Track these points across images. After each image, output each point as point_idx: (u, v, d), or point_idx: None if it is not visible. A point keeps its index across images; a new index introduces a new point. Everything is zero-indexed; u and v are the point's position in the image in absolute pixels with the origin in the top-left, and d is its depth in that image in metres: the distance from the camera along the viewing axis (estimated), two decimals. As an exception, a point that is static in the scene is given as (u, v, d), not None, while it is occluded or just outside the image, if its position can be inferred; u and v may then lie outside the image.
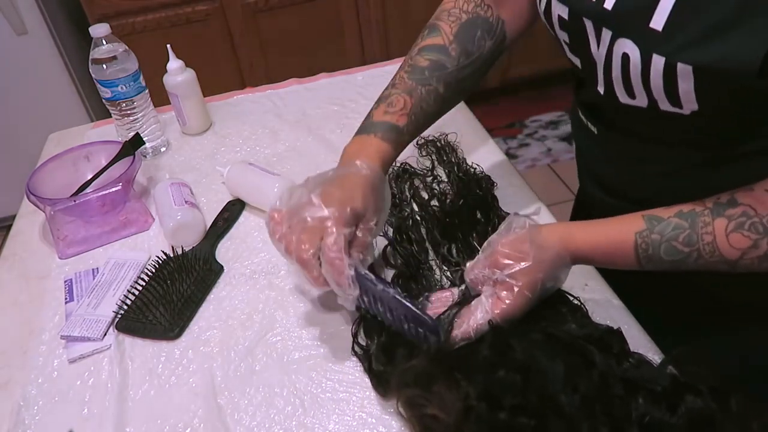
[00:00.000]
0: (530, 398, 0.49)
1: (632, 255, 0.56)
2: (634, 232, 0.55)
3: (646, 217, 0.56)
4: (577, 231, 0.58)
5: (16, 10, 1.85)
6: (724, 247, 0.52)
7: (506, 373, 0.51)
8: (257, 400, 0.62)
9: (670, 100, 0.51)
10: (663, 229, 0.54)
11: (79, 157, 0.92)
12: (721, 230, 0.52)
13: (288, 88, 1.20)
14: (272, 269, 0.78)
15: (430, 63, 0.70)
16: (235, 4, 2.05)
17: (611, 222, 0.58)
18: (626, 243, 0.56)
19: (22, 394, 0.66)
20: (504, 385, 0.51)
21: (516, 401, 0.49)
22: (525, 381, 0.51)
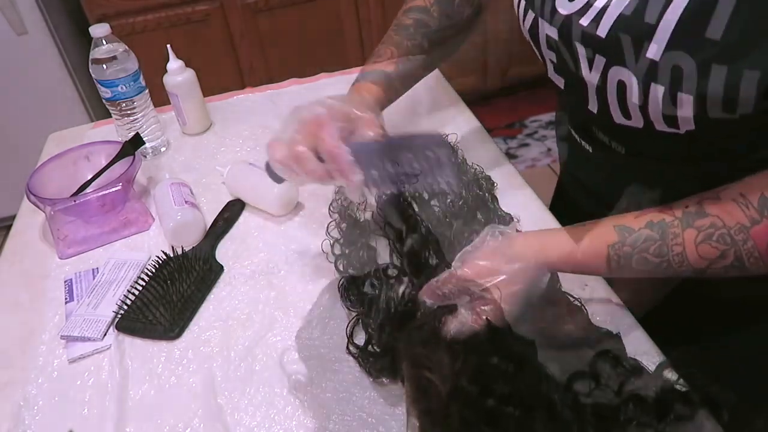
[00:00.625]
0: (520, 389, 0.50)
1: (604, 266, 0.56)
2: (606, 245, 0.55)
3: (617, 228, 0.56)
4: (551, 244, 0.58)
5: (16, 10, 1.85)
6: (693, 257, 0.52)
7: (500, 361, 0.52)
8: (257, 400, 0.62)
9: (667, 123, 0.51)
10: (635, 241, 0.54)
11: (79, 157, 0.92)
12: (690, 241, 0.52)
13: (288, 88, 1.20)
14: (272, 269, 0.78)
15: (414, 21, 0.74)
16: (235, 4, 2.05)
17: (583, 232, 0.57)
18: (599, 256, 0.56)
19: (22, 394, 0.66)
20: (496, 372, 0.52)
21: (505, 390, 0.50)
22: (517, 372, 0.51)
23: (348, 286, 0.69)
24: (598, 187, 0.70)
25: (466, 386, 0.50)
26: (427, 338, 0.56)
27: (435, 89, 1.12)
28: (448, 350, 0.53)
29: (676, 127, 0.51)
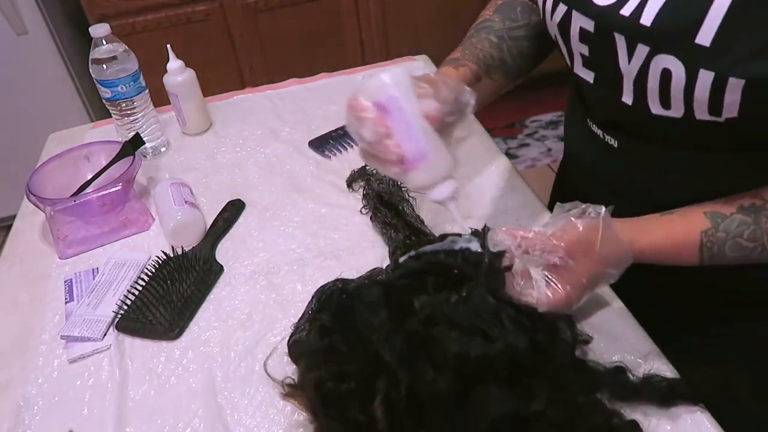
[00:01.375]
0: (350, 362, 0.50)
1: (696, 254, 0.56)
2: (699, 231, 0.55)
3: (709, 215, 0.56)
4: (645, 233, 0.58)
5: (16, 10, 1.85)
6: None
7: (330, 341, 0.52)
8: (257, 400, 0.62)
9: (710, 111, 0.50)
10: (728, 226, 0.55)
11: (79, 157, 0.92)
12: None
13: (288, 88, 1.20)
14: (272, 269, 0.78)
15: (474, 30, 0.74)
16: (235, 4, 2.05)
17: (674, 221, 0.58)
18: (692, 243, 0.56)
19: (22, 394, 0.66)
20: (330, 354, 0.52)
21: (337, 368, 0.50)
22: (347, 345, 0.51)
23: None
24: (621, 182, 0.70)
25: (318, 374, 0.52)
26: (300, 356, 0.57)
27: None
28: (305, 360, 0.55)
29: (718, 114, 0.50)
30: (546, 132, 2.47)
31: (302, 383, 0.57)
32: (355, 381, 0.49)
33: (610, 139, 0.66)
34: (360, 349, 0.51)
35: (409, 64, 0.65)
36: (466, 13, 2.39)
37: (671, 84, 0.51)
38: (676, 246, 0.57)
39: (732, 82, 0.47)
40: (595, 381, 0.54)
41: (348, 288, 0.59)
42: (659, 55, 0.51)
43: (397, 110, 0.53)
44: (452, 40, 0.77)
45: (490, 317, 0.51)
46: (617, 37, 0.54)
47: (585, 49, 0.59)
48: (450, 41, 0.77)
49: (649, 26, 0.51)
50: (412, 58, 1.25)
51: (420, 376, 0.48)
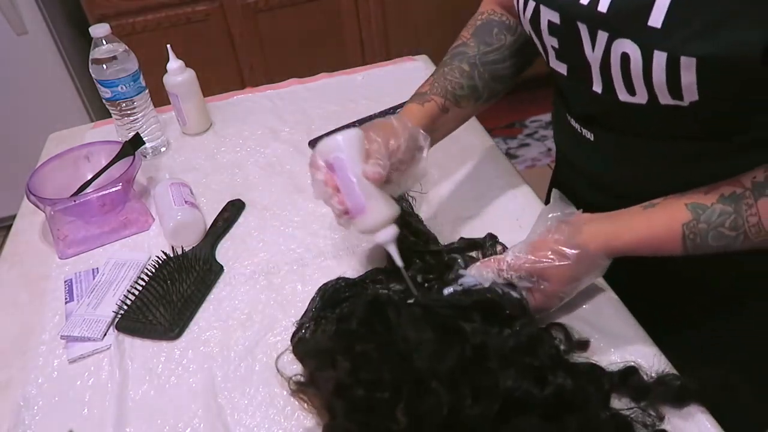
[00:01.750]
0: (385, 372, 0.51)
1: (679, 246, 0.57)
2: (681, 224, 0.56)
3: (690, 206, 0.56)
4: (623, 230, 0.59)
5: (16, 10, 1.85)
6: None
7: (363, 348, 0.53)
8: (257, 400, 0.62)
9: (671, 94, 0.51)
10: (709, 216, 0.55)
11: (79, 157, 0.92)
12: (765, 210, 0.53)
13: (288, 88, 1.20)
14: (272, 269, 0.78)
15: (450, 55, 0.75)
16: (235, 4, 2.05)
17: (654, 214, 0.58)
18: (673, 236, 0.57)
19: (22, 394, 0.66)
20: (361, 360, 0.53)
21: (371, 376, 0.51)
22: (381, 355, 0.52)
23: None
24: (600, 176, 0.71)
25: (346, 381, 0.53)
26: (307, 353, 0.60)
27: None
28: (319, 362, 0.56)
29: (680, 98, 0.51)
30: (546, 132, 2.47)
31: (314, 381, 0.57)
32: (388, 391, 0.51)
33: (587, 132, 0.67)
34: (395, 360, 0.52)
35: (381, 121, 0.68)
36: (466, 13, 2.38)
37: (631, 68, 0.52)
38: (658, 239, 0.58)
39: (684, 62, 0.48)
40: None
41: (380, 297, 0.61)
42: (617, 39, 0.52)
43: (341, 170, 0.62)
44: (452, 40, 0.77)
45: (546, 358, 0.54)
46: (580, 27, 0.56)
47: (555, 42, 0.60)
48: (450, 41, 0.77)
49: (606, 13, 0.52)
50: (412, 58, 1.25)
51: (461, 399, 0.50)
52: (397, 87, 1.13)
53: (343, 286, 0.67)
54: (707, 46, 0.47)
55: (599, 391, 0.54)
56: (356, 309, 0.59)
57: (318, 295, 0.68)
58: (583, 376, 0.54)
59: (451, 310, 0.58)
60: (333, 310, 0.64)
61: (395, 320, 0.55)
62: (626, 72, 0.53)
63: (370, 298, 0.61)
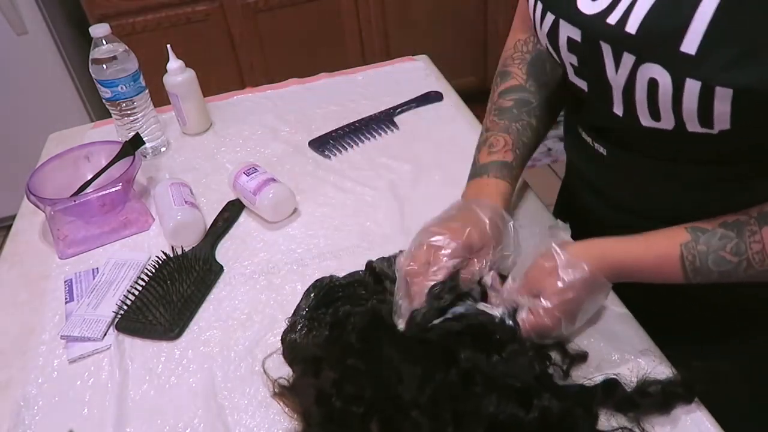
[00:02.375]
0: (367, 389, 0.51)
1: (678, 268, 0.55)
2: (679, 244, 0.54)
3: (690, 229, 0.55)
4: (615, 246, 0.58)
5: (16, 10, 1.85)
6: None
7: (354, 362, 0.54)
8: (257, 400, 0.62)
9: (701, 122, 0.49)
10: (709, 239, 0.53)
11: (79, 157, 0.92)
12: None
13: (288, 88, 1.20)
14: (272, 269, 0.78)
15: (514, 102, 0.73)
16: (235, 4, 2.05)
17: (652, 235, 0.57)
18: (671, 255, 0.55)
19: (22, 394, 0.66)
20: (348, 374, 0.53)
21: (353, 390, 0.52)
22: (368, 372, 0.53)
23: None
24: (610, 192, 0.69)
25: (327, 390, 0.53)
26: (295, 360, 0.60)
27: (435, 89, 1.12)
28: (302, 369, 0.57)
29: (710, 126, 0.48)
30: (546, 132, 2.47)
31: (296, 387, 0.58)
32: (365, 407, 0.51)
33: (600, 147, 0.65)
34: (380, 381, 0.53)
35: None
36: (466, 13, 2.40)
37: (658, 94, 0.49)
38: (656, 259, 0.56)
39: (719, 92, 0.45)
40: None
41: (379, 313, 0.61)
42: (645, 64, 0.49)
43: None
44: (452, 40, 0.77)
45: (532, 382, 0.53)
46: (603, 47, 0.52)
47: (574, 59, 0.58)
48: (450, 41, 0.78)
49: (634, 34, 0.49)
50: (412, 58, 1.25)
51: (442, 425, 0.49)
52: (397, 87, 1.13)
53: (336, 286, 0.67)
54: (746, 76, 0.44)
55: (588, 413, 0.53)
56: (355, 321, 0.59)
57: (311, 293, 0.68)
58: (571, 398, 0.53)
59: (444, 334, 0.57)
60: (326, 310, 0.64)
61: (389, 341, 0.56)
62: (653, 98, 0.50)
63: (371, 314, 0.60)
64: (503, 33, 0.85)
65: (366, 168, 0.95)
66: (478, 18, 2.30)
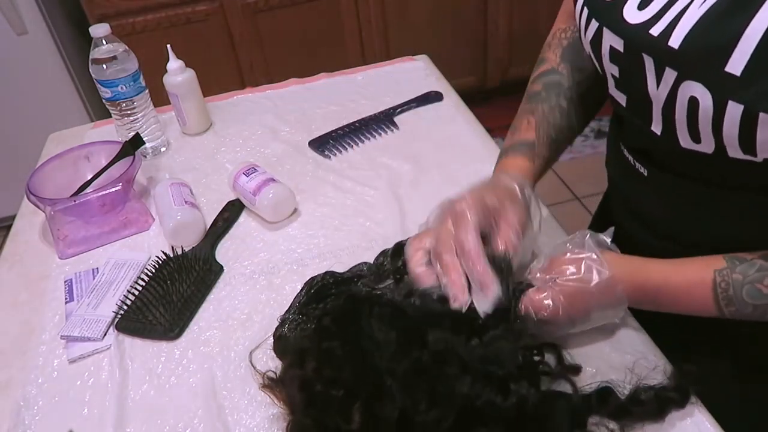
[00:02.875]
0: (346, 370, 0.51)
1: (710, 295, 0.52)
2: (713, 269, 0.52)
3: (727, 257, 0.52)
4: (651, 266, 0.55)
5: (16, 10, 1.85)
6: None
7: (329, 345, 0.53)
8: (257, 400, 0.62)
9: (743, 148, 0.46)
10: (746, 269, 0.51)
11: (79, 157, 0.92)
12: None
13: (288, 88, 1.20)
14: (272, 269, 0.78)
15: (544, 86, 0.70)
16: (235, 4, 2.05)
17: (687, 261, 0.55)
18: (703, 280, 0.52)
19: (22, 394, 0.66)
20: (326, 357, 0.53)
21: (332, 373, 0.51)
22: (345, 353, 0.52)
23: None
24: (650, 214, 0.66)
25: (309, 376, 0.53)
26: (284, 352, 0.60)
27: (435, 89, 1.12)
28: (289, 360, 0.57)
29: (752, 153, 0.45)
30: (546, 132, 2.47)
31: (284, 378, 0.58)
32: (345, 389, 0.50)
33: (640, 167, 0.62)
34: (357, 359, 0.52)
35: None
36: (466, 13, 2.40)
37: (699, 115, 0.46)
38: (686, 282, 0.53)
39: (764, 118, 0.42)
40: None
41: (357, 295, 0.60)
42: (687, 81, 0.46)
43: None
44: (452, 40, 0.77)
45: (512, 368, 0.52)
46: (646, 59, 0.49)
47: (615, 70, 0.55)
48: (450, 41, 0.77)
49: (677, 49, 0.46)
50: (412, 58, 1.25)
51: (416, 403, 0.49)
52: (397, 87, 1.14)
53: (330, 282, 0.67)
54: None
55: (568, 405, 0.52)
56: (332, 306, 0.59)
57: (304, 289, 0.68)
58: (552, 392, 0.53)
59: (422, 314, 0.56)
60: (317, 306, 0.64)
61: (365, 319, 0.54)
62: (693, 118, 0.47)
63: (345, 297, 0.60)
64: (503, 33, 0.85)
65: (366, 168, 0.95)
66: (478, 18, 2.30)
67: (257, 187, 0.84)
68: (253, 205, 0.84)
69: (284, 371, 0.58)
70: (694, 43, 0.45)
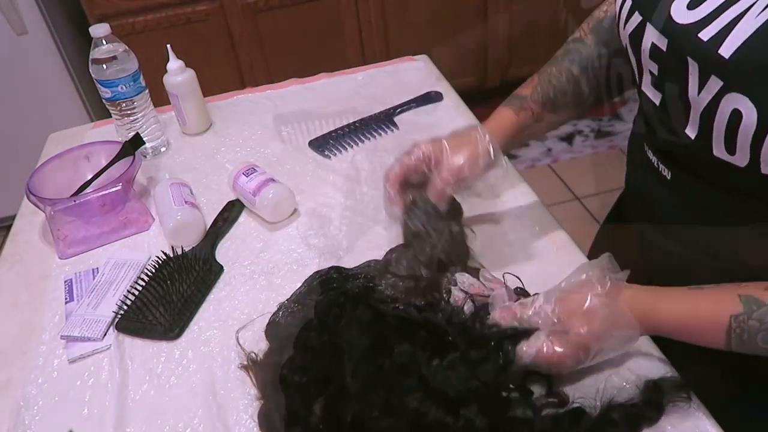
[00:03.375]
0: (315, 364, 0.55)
1: (722, 338, 0.50)
2: (729, 315, 0.50)
3: (744, 298, 0.50)
4: (664, 304, 0.54)
5: (16, 10, 1.85)
6: None
7: (307, 336, 0.57)
8: (257, 400, 0.62)
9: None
10: (763, 315, 0.48)
11: (79, 157, 0.92)
12: None
13: (288, 88, 1.20)
14: (272, 269, 0.78)
15: (563, 51, 0.72)
16: (235, 4, 2.05)
17: (702, 297, 0.53)
18: (718, 325, 0.50)
19: (22, 394, 0.66)
20: (302, 347, 0.57)
21: (304, 364, 0.55)
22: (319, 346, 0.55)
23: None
24: (670, 218, 0.64)
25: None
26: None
27: (435, 89, 1.12)
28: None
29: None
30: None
31: (262, 362, 0.60)
32: (311, 381, 0.53)
33: (664, 169, 0.60)
34: (329, 355, 0.54)
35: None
36: (466, 13, 2.40)
37: (740, 128, 0.45)
38: (700, 326, 0.52)
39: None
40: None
41: (349, 293, 0.61)
42: (732, 93, 0.44)
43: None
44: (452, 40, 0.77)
45: (464, 393, 0.52)
46: (690, 63, 0.48)
47: (655, 68, 0.53)
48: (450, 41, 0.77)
49: (728, 58, 0.44)
50: (412, 58, 1.25)
51: (369, 409, 0.50)
52: (397, 87, 1.14)
53: (334, 277, 0.68)
54: None
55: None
56: (322, 300, 0.61)
57: (306, 281, 0.68)
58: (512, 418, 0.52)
59: (398, 324, 0.57)
60: (315, 297, 0.65)
61: (347, 319, 0.57)
62: (732, 130, 0.46)
63: (336, 293, 0.62)
64: (503, 33, 0.85)
65: (366, 168, 0.95)
66: (478, 18, 2.30)
67: (257, 188, 0.84)
68: (253, 205, 0.84)
69: (265, 355, 0.60)
70: (747, 55, 0.43)
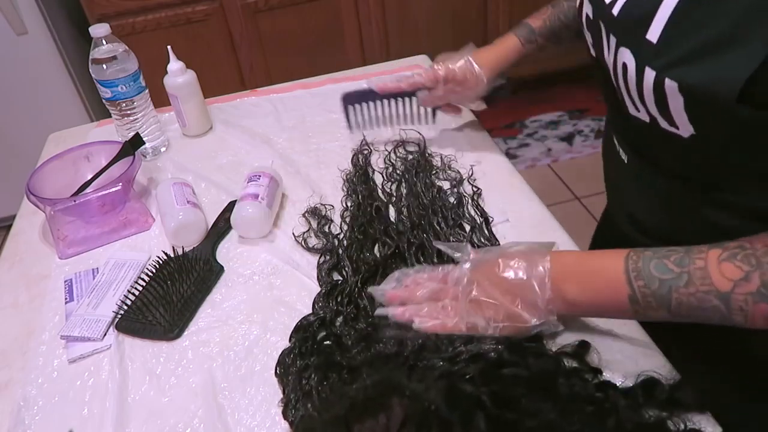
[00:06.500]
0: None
1: (621, 263, 0.52)
2: (628, 250, 0.52)
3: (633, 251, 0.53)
4: (566, 252, 0.57)
5: (16, 10, 1.85)
6: (715, 275, 0.48)
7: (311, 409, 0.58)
8: (257, 400, 0.62)
9: (664, 118, 0.48)
10: (657, 249, 0.51)
11: (79, 157, 0.92)
12: (713, 257, 0.48)
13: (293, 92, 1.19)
14: (272, 270, 0.78)
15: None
16: (235, 4, 2.05)
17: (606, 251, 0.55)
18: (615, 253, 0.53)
19: (22, 394, 0.66)
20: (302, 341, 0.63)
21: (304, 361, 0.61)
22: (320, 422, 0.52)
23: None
24: (631, 206, 0.66)
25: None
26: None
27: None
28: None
29: (675, 126, 0.48)
30: (546, 132, 2.47)
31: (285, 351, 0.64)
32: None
33: (622, 152, 0.62)
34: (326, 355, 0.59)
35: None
36: (466, 12, 2.40)
37: (627, 80, 0.49)
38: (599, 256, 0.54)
39: (668, 85, 0.45)
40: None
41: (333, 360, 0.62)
42: (621, 48, 0.50)
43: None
44: (452, 40, 0.78)
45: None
46: (602, 26, 0.53)
47: (590, 37, 0.58)
48: (450, 41, 0.79)
49: (616, 16, 0.50)
50: (417, 64, 1.25)
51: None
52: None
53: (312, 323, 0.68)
54: (694, 73, 0.43)
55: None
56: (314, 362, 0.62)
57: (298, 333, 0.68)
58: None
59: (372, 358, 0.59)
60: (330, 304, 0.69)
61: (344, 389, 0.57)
62: (626, 85, 0.50)
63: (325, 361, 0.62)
64: (503, 33, 0.86)
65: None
66: (478, 18, 2.30)
67: (242, 197, 0.82)
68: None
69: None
70: (628, 11, 0.49)
